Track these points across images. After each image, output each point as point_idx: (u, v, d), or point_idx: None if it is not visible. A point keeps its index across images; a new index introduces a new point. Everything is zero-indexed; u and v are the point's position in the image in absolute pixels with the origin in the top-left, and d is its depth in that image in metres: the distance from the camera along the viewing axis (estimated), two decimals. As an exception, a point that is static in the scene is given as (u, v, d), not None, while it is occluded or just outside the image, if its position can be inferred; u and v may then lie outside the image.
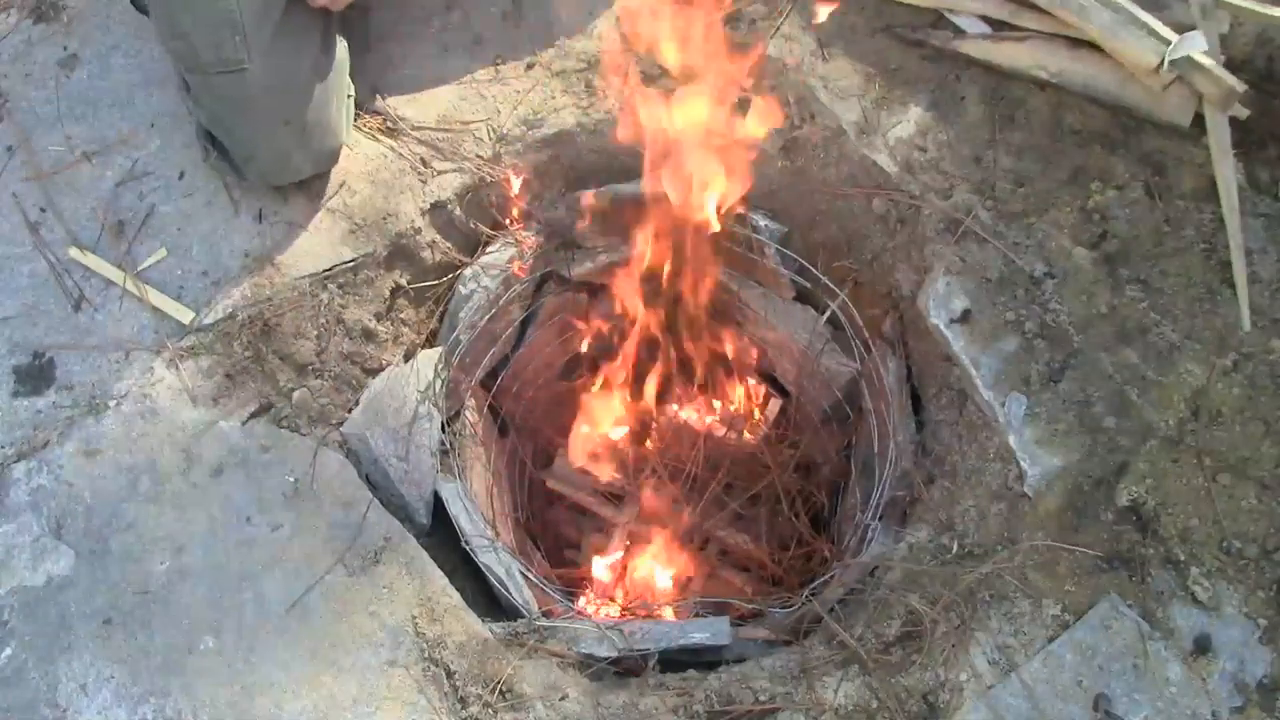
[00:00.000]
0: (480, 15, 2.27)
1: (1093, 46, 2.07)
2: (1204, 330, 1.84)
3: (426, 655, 1.68)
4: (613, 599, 2.32)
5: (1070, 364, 1.84)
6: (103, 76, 2.16)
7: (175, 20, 1.78)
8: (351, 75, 2.05)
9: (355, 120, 2.09)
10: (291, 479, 1.80)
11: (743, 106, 1.99)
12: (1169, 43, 1.92)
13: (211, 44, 1.76)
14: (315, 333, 1.93)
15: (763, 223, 2.20)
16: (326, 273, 1.97)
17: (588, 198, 2.18)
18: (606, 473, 2.55)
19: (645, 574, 2.44)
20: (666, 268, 2.28)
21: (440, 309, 2.16)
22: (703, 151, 1.93)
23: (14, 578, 1.71)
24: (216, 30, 1.75)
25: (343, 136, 2.00)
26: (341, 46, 2.00)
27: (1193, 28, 1.95)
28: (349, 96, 2.04)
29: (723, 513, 2.53)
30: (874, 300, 2.18)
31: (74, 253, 1.95)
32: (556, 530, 2.68)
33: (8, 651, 1.66)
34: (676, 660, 1.83)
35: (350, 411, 1.91)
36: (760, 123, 1.98)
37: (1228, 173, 1.90)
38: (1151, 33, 1.95)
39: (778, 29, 2.22)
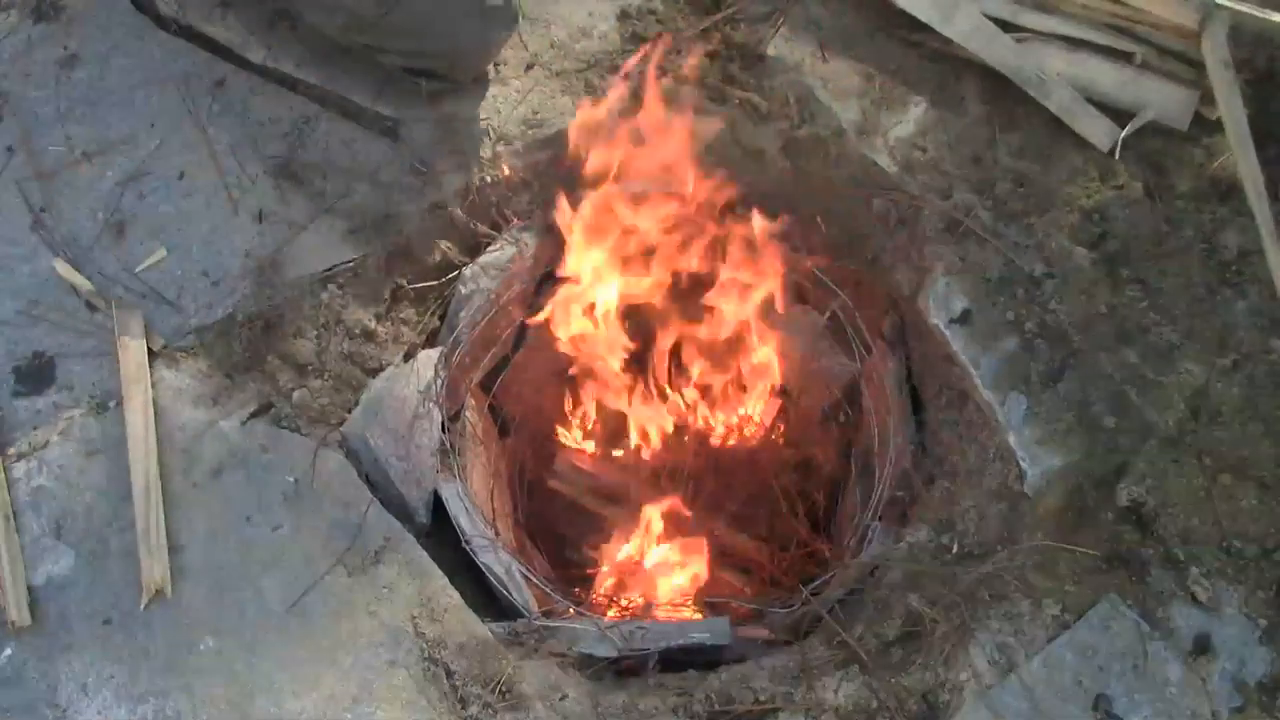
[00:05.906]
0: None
1: (1092, 46, 2.08)
2: (1204, 330, 1.84)
3: (427, 655, 1.68)
4: (612, 598, 2.31)
5: (1070, 364, 1.84)
6: (103, 76, 2.15)
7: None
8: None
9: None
10: (291, 479, 1.80)
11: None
12: (1122, 126, 2.01)
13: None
14: (315, 333, 1.93)
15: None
16: (326, 273, 1.97)
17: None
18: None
19: (645, 574, 2.44)
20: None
21: (440, 309, 2.16)
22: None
23: (14, 578, 1.71)
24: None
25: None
26: None
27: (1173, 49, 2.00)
28: None
29: (723, 513, 2.52)
30: (874, 300, 2.18)
31: (60, 267, 1.93)
32: (556, 530, 2.67)
33: (8, 651, 1.66)
34: (676, 660, 1.83)
35: (350, 411, 1.91)
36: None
37: (1247, 155, 1.90)
38: (1103, 113, 2.03)
39: (777, 30, 2.22)
